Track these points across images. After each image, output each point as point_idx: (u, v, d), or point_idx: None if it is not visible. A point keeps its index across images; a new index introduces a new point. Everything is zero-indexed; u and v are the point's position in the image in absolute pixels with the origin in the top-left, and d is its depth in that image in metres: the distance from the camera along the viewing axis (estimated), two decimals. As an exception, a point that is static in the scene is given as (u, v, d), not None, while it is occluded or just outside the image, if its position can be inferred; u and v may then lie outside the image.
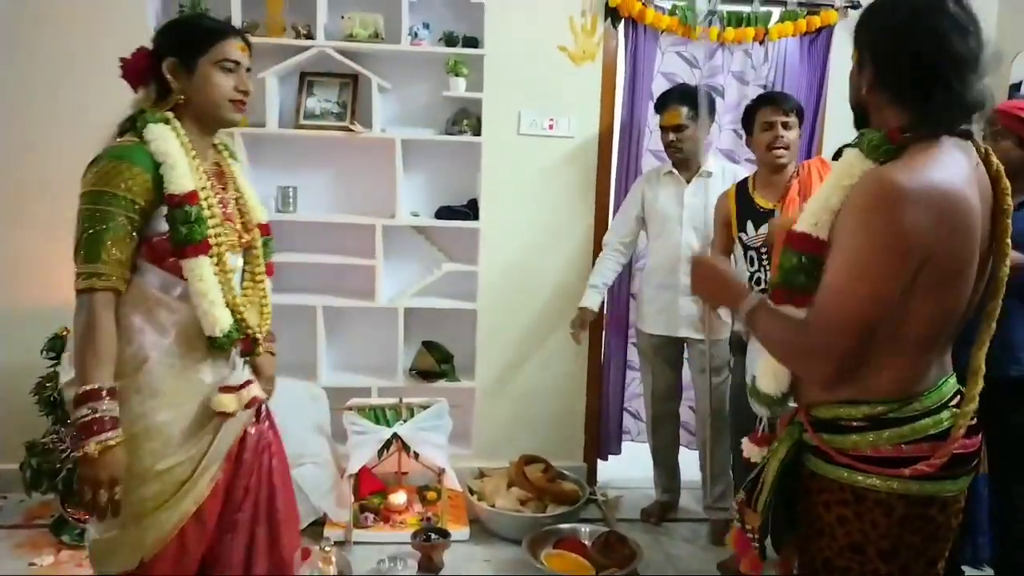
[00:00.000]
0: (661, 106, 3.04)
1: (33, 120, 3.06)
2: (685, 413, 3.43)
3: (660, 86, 3.32)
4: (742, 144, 3.50)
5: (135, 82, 1.65)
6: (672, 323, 3.07)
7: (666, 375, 3.19)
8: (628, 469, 3.62)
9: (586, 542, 2.85)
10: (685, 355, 3.22)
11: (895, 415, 1.27)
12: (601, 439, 3.59)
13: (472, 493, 3.18)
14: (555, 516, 3.02)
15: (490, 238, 3.35)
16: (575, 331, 3.05)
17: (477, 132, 3.27)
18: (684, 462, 3.35)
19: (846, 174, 1.27)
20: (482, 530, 3.07)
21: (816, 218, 1.28)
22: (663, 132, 3.03)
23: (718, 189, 2.93)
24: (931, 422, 1.27)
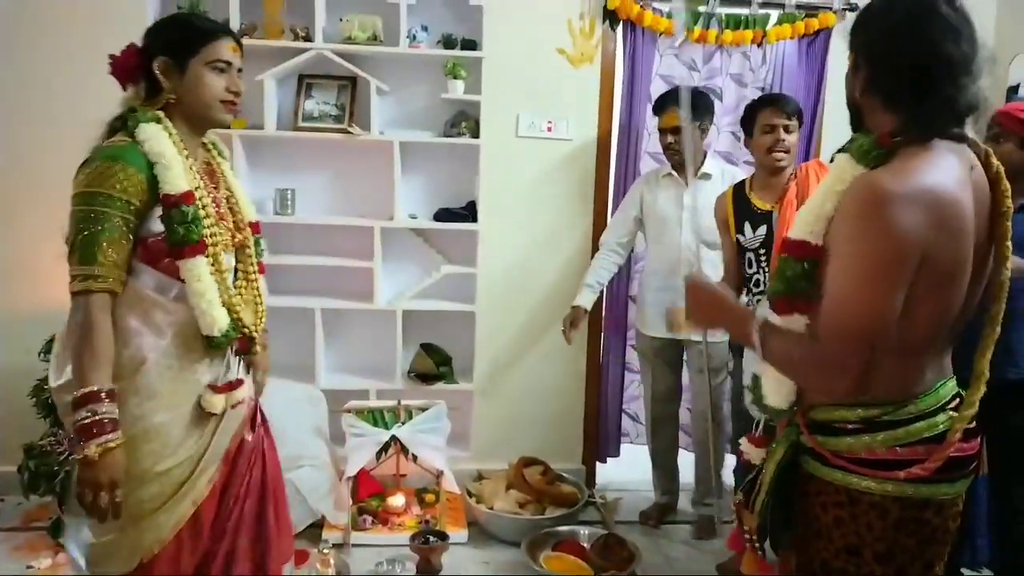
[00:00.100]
0: (659, 108, 3.04)
1: (32, 121, 3.06)
2: (684, 415, 3.43)
3: (658, 88, 3.33)
4: (740, 146, 3.51)
5: (125, 80, 1.63)
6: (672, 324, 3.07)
7: (666, 377, 3.19)
8: (627, 471, 3.61)
9: (585, 544, 2.84)
10: (684, 357, 3.22)
11: (889, 418, 1.27)
12: (600, 441, 3.59)
13: (471, 495, 3.18)
14: (554, 518, 3.02)
15: (489, 240, 3.35)
16: (566, 329, 3.05)
17: (476, 134, 3.27)
18: (683, 464, 3.35)
19: (838, 179, 1.27)
20: (481, 532, 3.06)
21: (811, 225, 1.28)
22: (661, 134, 3.03)
23: (717, 191, 2.93)
24: (926, 425, 1.26)
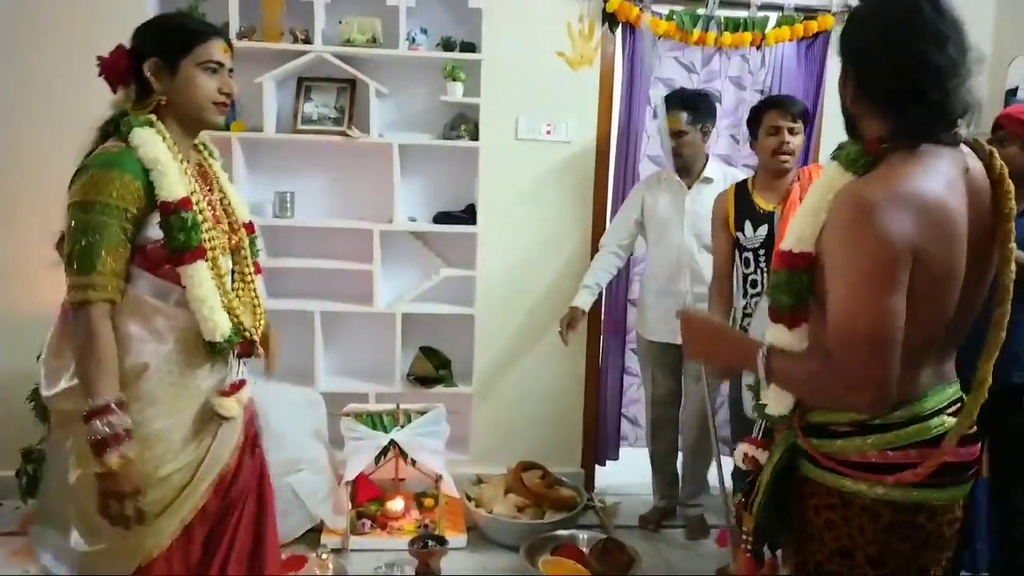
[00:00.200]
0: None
1: (32, 122, 3.05)
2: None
3: (657, 91, 3.33)
4: (739, 149, 3.51)
5: (116, 82, 1.61)
6: (673, 330, 3.05)
7: (666, 381, 3.18)
8: (626, 475, 3.61)
9: (584, 549, 2.83)
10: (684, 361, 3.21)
11: (880, 421, 1.26)
12: (599, 445, 3.58)
13: (470, 499, 3.17)
14: (553, 523, 3.01)
15: (488, 243, 3.34)
16: (563, 330, 3.03)
17: (475, 137, 3.26)
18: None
19: (828, 188, 1.27)
20: (480, 537, 3.06)
21: (806, 235, 1.28)
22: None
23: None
24: (918, 429, 1.25)
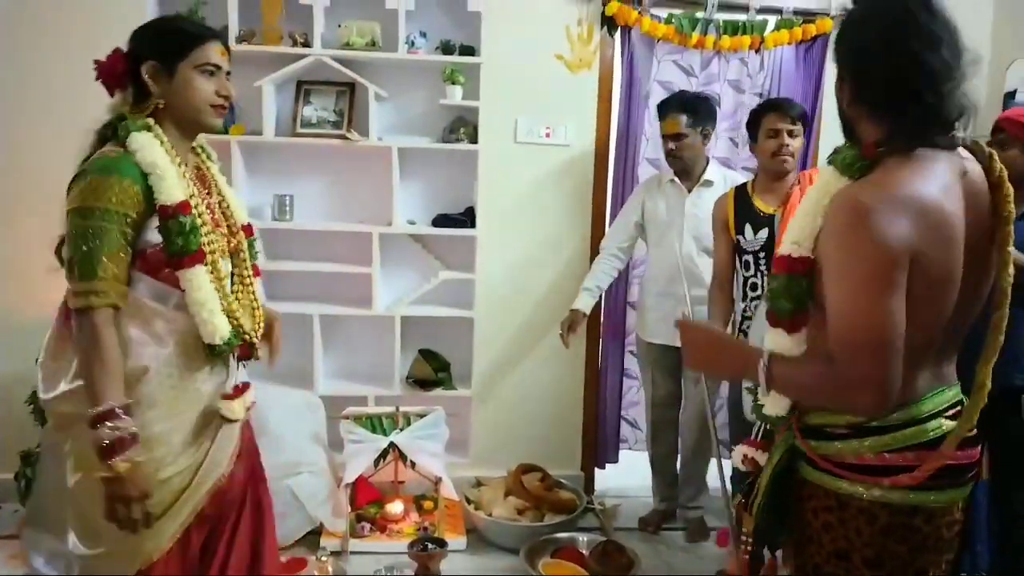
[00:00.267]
0: (660, 114, 3.03)
1: (32, 122, 3.05)
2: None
3: (656, 94, 3.33)
4: (737, 152, 3.52)
5: (113, 85, 1.61)
6: (673, 332, 3.05)
7: (666, 383, 3.18)
8: (626, 478, 3.61)
9: (584, 551, 2.83)
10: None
11: (877, 423, 1.26)
12: (599, 448, 3.58)
13: (469, 502, 3.17)
14: (553, 525, 3.01)
15: (487, 246, 3.35)
16: (564, 333, 3.03)
17: (474, 140, 3.27)
18: (682, 470, 3.34)
19: (824, 193, 1.28)
20: (479, 539, 3.05)
21: (803, 239, 1.29)
22: (663, 140, 3.02)
23: None
24: (915, 432, 1.25)
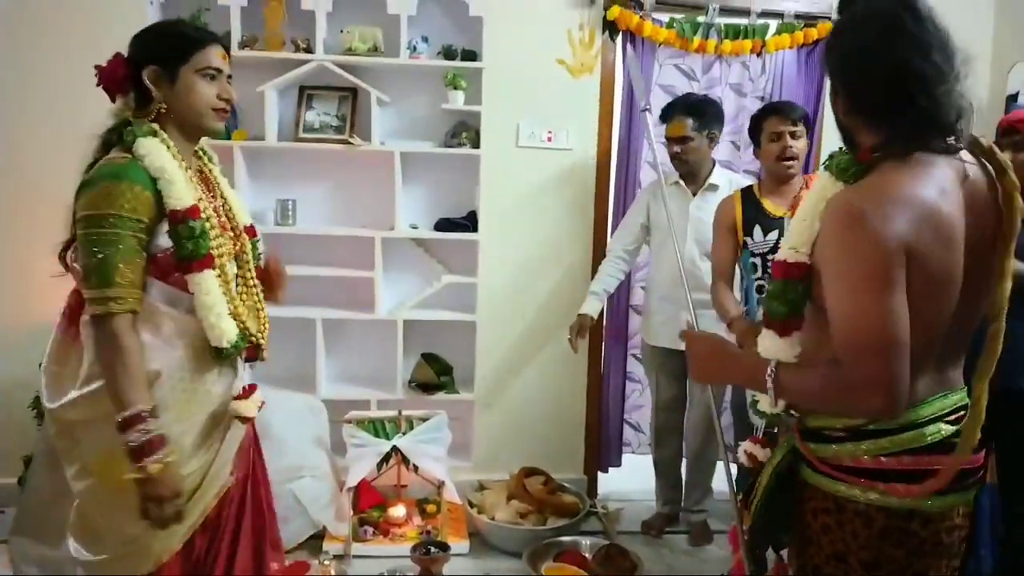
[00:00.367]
0: (665, 117, 3.03)
1: (32, 123, 3.06)
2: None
3: (658, 98, 3.34)
4: (740, 155, 3.52)
5: (115, 91, 1.61)
6: (676, 336, 3.05)
7: (671, 387, 3.17)
8: (629, 481, 3.60)
9: (587, 555, 2.83)
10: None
11: (875, 426, 1.26)
12: (601, 451, 3.57)
13: (472, 506, 3.16)
14: (555, 529, 3.01)
15: (489, 250, 3.35)
16: (573, 338, 3.03)
17: (476, 145, 3.28)
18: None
19: (820, 198, 1.28)
20: (482, 543, 3.05)
21: (801, 244, 1.30)
22: (668, 143, 3.02)
23: None
24: (913, 436, 1.25)
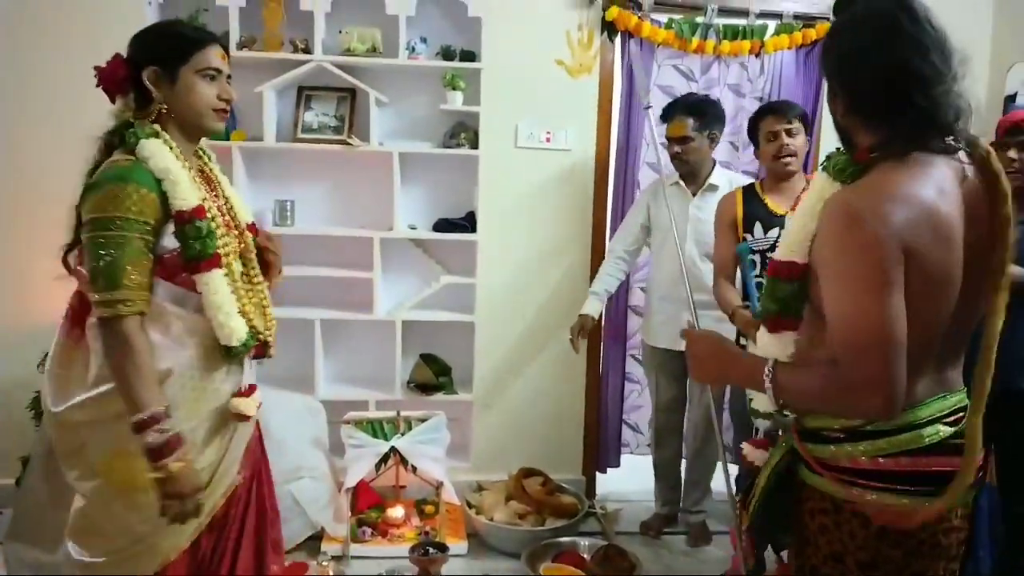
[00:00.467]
0: (666, 117, 3.03)
1: (32, 123, 3.06)
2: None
3: (657, 98, 3.34)
4: (738, 155, 3.53)
5: (115, 92, 1.62)
6: (676, 336, 3.06)
7: (671, 387, 3.17)
8: (627, 482, 3.60)
9: (585, 556, 2.83)
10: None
11: (872, 427, 1.26)
12: (600, 452, 3.58)
13: (470, 507, 3.16)
14: (554, 529, 3.01)
15: (488, 250, 3.35)
16: (574, 338, 3.03)
17: (475, 145, 3.28)
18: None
19: (818, 198, 1.29)
20: (480, 544, 3.05)
21: (796, 244, 1.30)
22: (668, 143, 3.01)
23: None
24: (910, 437, 1.24)
